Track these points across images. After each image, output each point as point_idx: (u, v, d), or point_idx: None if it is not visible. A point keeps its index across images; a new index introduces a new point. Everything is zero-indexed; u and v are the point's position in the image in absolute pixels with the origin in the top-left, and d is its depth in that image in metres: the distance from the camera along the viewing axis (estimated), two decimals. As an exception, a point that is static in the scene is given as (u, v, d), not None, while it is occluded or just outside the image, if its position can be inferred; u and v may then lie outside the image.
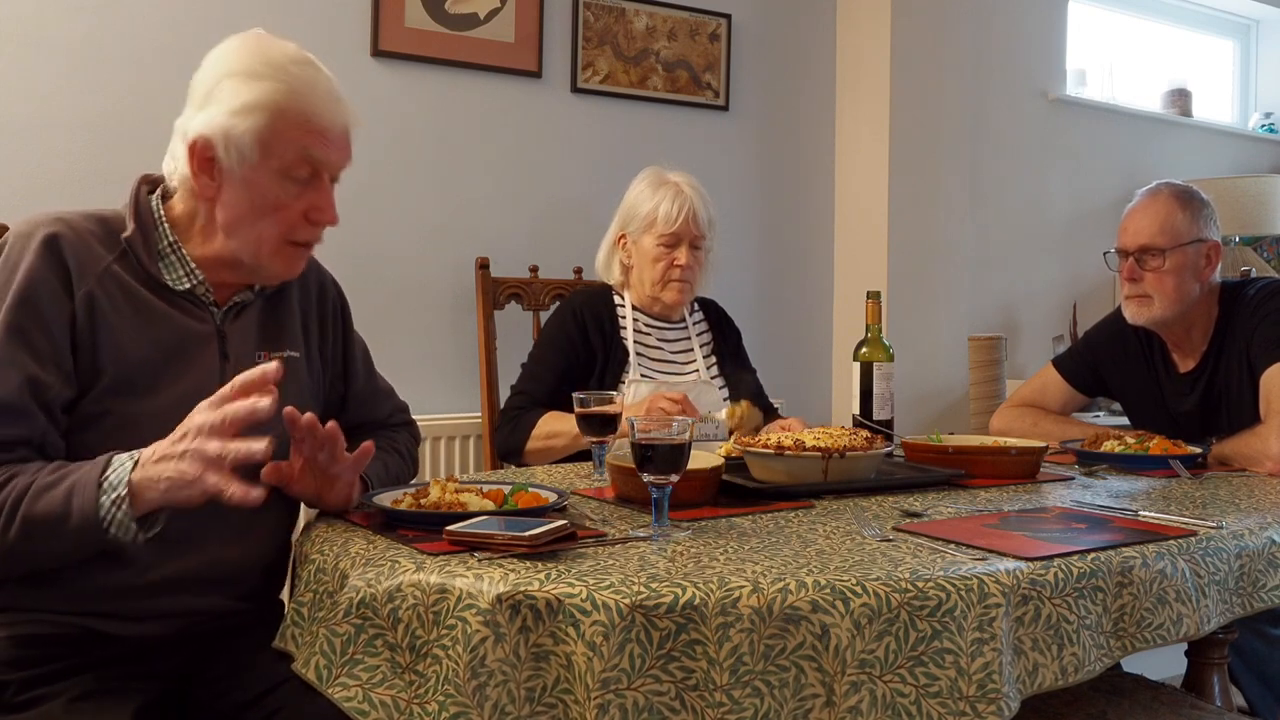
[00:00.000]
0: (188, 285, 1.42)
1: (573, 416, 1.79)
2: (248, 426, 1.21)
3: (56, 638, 1.31)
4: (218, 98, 1.37)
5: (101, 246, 1.37)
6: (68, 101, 2.33)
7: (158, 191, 1.46)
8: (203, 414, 1.22)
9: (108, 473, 1.22)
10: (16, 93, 2.28)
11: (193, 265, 1.42)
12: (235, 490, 1.19)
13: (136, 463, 1.22)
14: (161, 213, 1.43)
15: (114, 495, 1.21)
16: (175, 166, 1.41)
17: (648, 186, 2.43)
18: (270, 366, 1.23)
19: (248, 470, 1.35)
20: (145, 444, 1.32)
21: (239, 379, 1.23)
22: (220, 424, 1.20)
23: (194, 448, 1.20)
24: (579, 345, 2.36)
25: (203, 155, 1.37)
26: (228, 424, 1.20)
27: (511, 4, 2.81)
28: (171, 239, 1.42)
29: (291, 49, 1.42)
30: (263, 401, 1.20)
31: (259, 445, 1.19)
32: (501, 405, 2.63)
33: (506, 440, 2.31)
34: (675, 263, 2.38)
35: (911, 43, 3.29)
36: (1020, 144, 3.76)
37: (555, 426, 2.23)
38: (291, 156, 1.38)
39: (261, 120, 1.36)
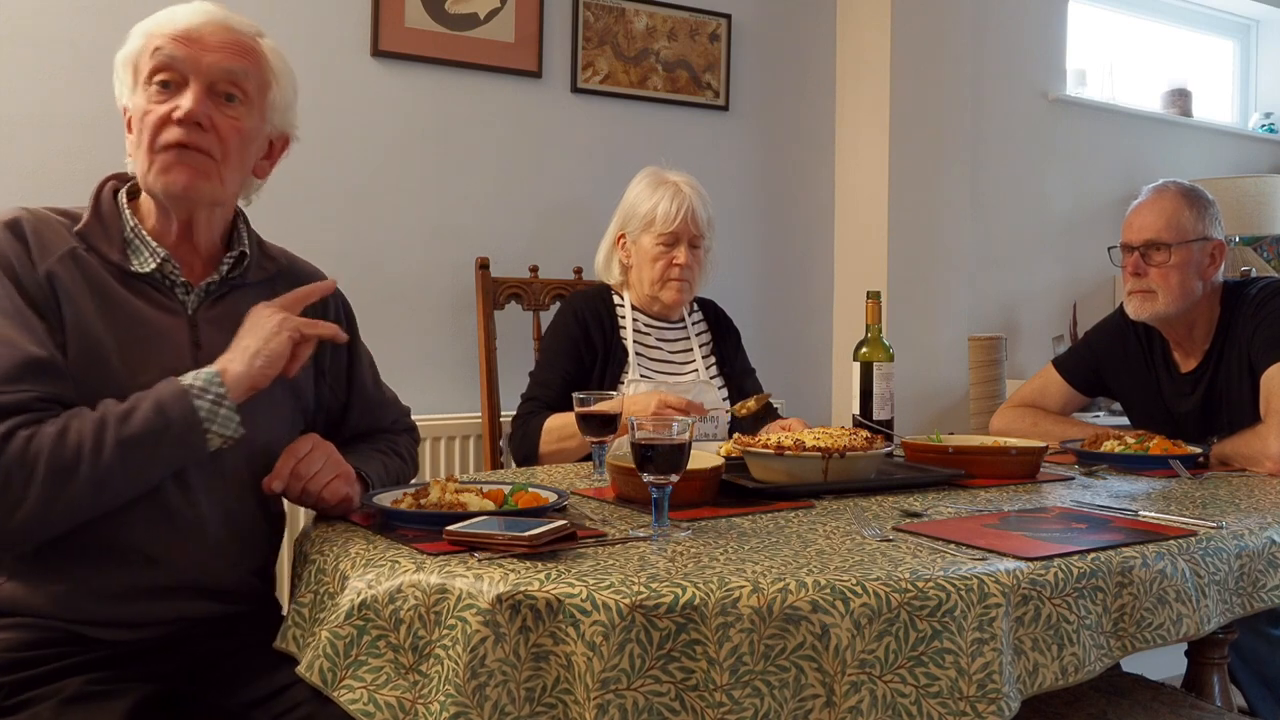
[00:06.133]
0: (153, 265, 1.41)
1: (615, 400, 1.78)
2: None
3: (47, 641, 1.31)
4: None
5: (67, 233, 1.38)
6: (68, 101, 2.33)
7: (125, 188, 1.47)
8: (278, 310, 1.39)
9: (187, 383, 1.30)
10: (16, 93, 2.28)
11: (154, 244, 1.42)
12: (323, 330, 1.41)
13: (219, 368, 1.33)
14: (124, 200, 1.44)
15: (212, 395, 1.30)
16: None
17: (646, 186, 2.44)
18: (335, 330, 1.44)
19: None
20: None
21: (302, 290, 1.44)
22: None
23: (280, 320, 1.37)
24: (582, 346, 2.36)
25: (125, 118, 1.44)
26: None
27: (511, 4, 2.81)
28: (133, 223, 1.43)
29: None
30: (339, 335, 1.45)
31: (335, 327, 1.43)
32: (504, 410, 2.64)
33: (519, 447, 2.29)
34: (674, 262, 2.38)
35: (911, 43, 3.29)
36: (1020, 144, 3.76)
37: (565, 426, 2.21)
38: (150, 64, 1.41)
39: (131, 46, 1.42)
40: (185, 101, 1.38)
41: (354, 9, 2.63)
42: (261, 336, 1.35)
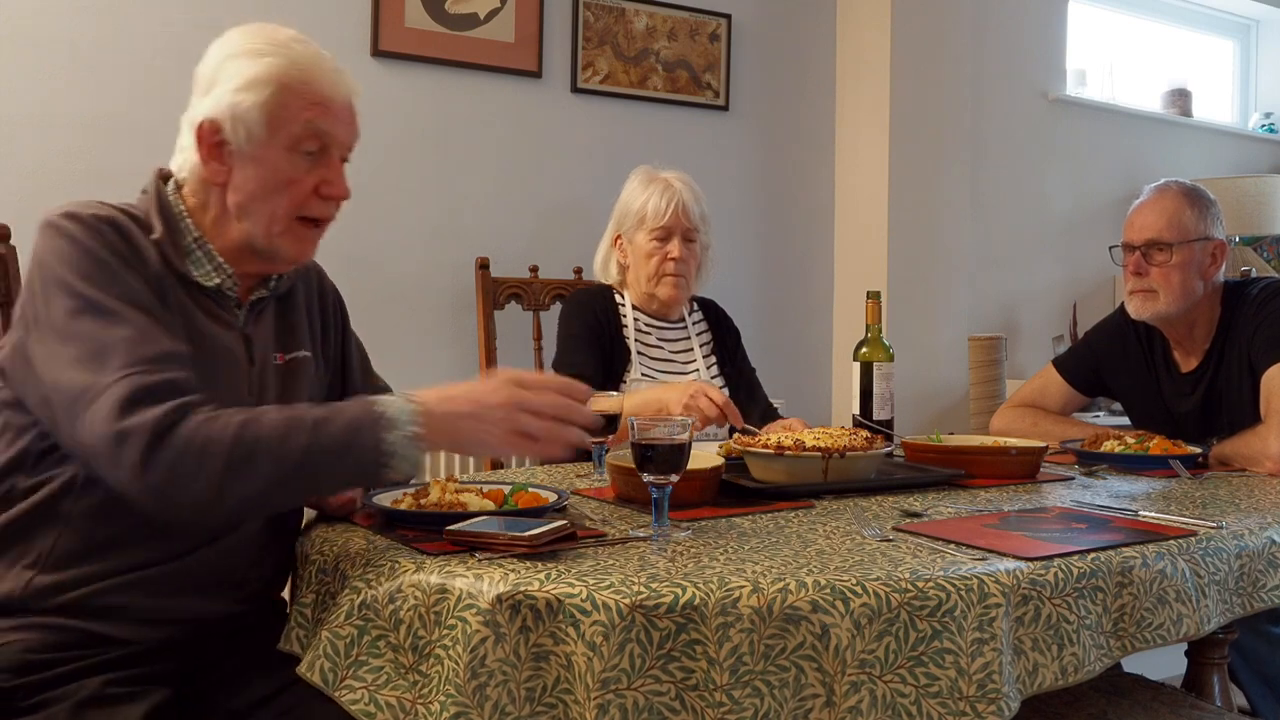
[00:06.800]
0: (216, 281, 1.40)
1: (619, 395, 1.73)
2: None
3: (63, 643, 1.30)
4: (221, 80, 1.37)
5: (143, 237, 1.36)
6: (68, 101, 2.33)
7: (170, 184, 1.44)
8: (509, 390, 1.26)
9: (384, 410, 1.24)
10: (16, 93, 2.28)
11: (220, 259, 1.40)
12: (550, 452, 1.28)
13: (417, 407, 1.25)
14: (183, 207, 1.41)
15: (402, 432, 1.23)
16: (185, 159, 1.40)
17: (638, 185, 2.44)
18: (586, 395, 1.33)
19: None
20: None
21: (562, 381, 1.31)
22: (551, 410, 1.26)
23: (508, 418, 1.25)
24: (600, 331, 2.35)
25: (210, 139, 1.37)
26: (551, 411, 1.27)
27: (511, 4, 2.81)
28: (196, 234, 1.40)
29: (292, 31, 1.43)
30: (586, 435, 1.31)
31: (576, 438, 1.29)
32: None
33: None
34: (669, 256, 2.37)
35: (911, 43, 3.29)
36: (1020, 144, 3.76)
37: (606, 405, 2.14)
38: (299, 129, 1.38)
39: (266, 94, 1.36)
40: (338, 182, 1.42)
41: (354, 9, 2.63)
42: (483, 426, 1.26)
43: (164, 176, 1.44)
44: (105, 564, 1.31)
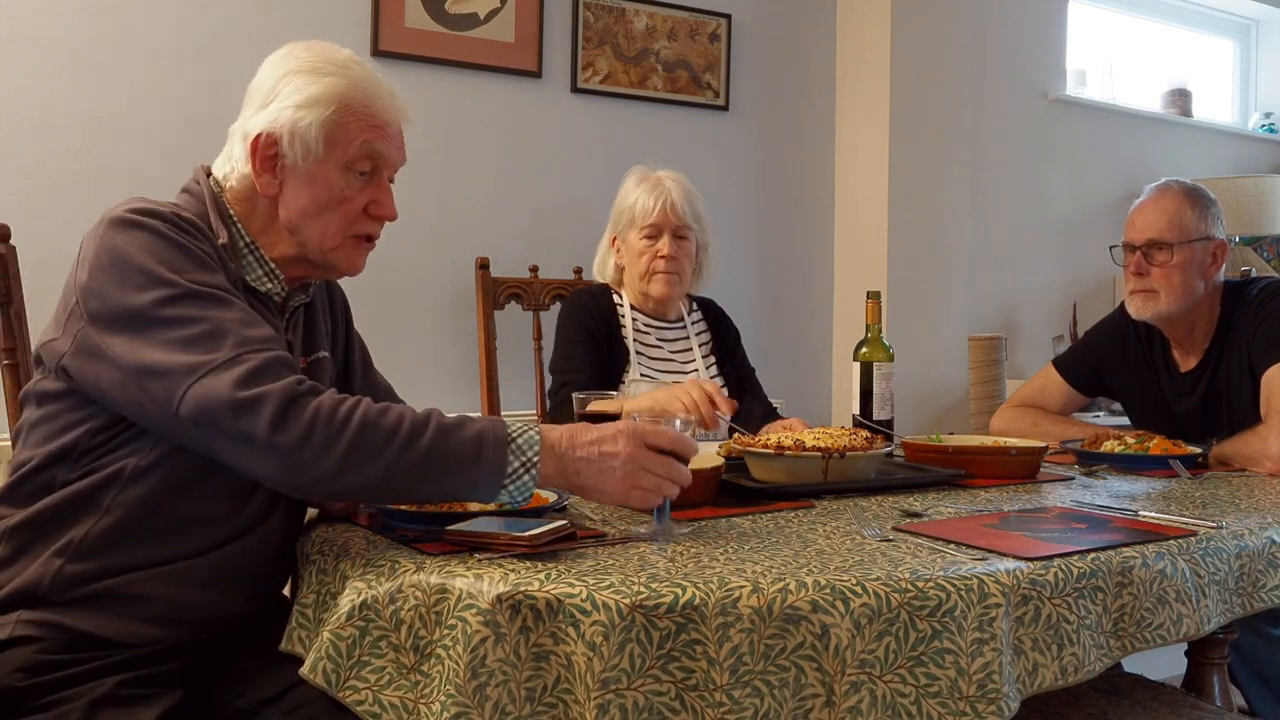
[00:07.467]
0: (268, 286, 1.42)
1: (618, 396, 1.73)
2: None
3: (77, 644, 1.29)
4: (280, 94, 1.39)
5: (212, 237, 1.37)
6: (68, 101, 2.33)
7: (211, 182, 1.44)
8: (631, 441, 1.28)
9: (512, 434, 1.26)
10: (16, 93, 2.28)
11: (272, 265, 1.42)
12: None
13: (542, 439, 1.26)
14: (234, 212, 1.42)
15: (523, 459, 1.25)
16: (233, 168, 1.41)
17: (631, 185, 2.45)
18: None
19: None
20: None
21: (684, 444, 1.32)
22: (663, 470, 1.29)
23: (628, 473, 1.28)
24: (598, 333, 2.35)
25: (265, 152, 1.38)
26: (663, 471, 1.30)
27: (511, 4, 2.81)
28: (248, 239, 1.41)
29: (349, 51, 1.46)
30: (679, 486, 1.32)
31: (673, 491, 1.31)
32: (504, 410, 2.65)
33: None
34: (659, 254, 2.37)
35: (911, 43, 3.29)
36: (1020, 144, 3.76)
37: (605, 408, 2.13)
38: (355, 150, 1.41)
39: (327, 112, 1.39)
40: (388, 203, 1.47)
41: (354, 9, 2.63)
42: (603, 477, 1.28)
43: (207, 171, 1.45)
44: (135, 555, 1.31)
